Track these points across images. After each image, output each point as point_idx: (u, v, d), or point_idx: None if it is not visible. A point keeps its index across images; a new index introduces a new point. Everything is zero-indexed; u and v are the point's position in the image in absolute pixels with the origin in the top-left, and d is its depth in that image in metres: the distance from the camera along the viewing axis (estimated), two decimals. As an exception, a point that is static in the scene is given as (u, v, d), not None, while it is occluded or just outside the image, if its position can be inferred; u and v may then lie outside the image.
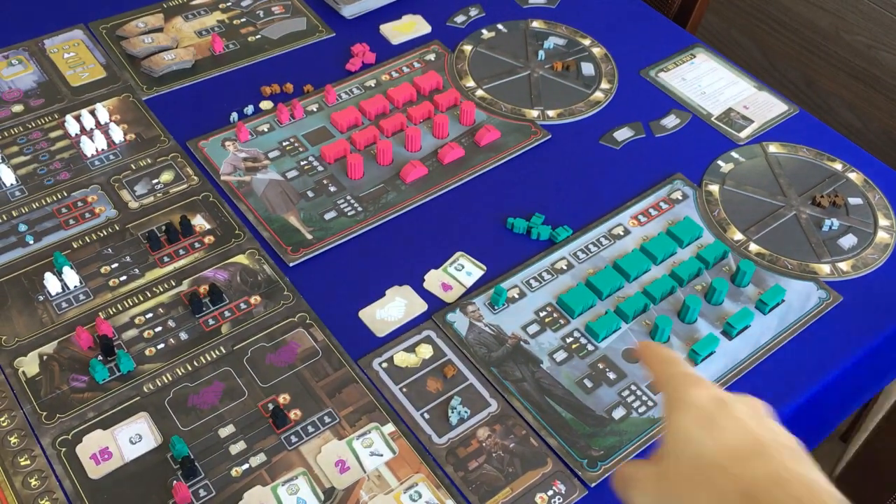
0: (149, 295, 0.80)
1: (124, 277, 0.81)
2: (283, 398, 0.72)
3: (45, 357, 0.74)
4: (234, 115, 0.98)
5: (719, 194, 0.93)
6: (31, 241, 0.83)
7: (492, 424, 0.72)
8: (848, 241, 0.89)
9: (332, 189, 0.90)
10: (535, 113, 1.01)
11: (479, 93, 1.03)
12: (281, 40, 1.09)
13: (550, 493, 0.68)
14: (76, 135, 0.94)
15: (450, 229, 0.88)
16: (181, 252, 0.83)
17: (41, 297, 0.79)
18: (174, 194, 0.89)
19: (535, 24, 1.14)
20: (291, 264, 0.83)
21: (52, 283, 0.79)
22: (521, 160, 0.96)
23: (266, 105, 0.99)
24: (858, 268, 0.86)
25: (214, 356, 0.75)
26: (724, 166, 0.96)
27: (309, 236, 0.86)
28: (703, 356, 0.77)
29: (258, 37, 1.09)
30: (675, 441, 0.50)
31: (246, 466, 0.68)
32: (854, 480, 1.08)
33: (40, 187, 0.89)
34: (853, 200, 0.93)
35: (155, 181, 0.90)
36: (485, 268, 0.84)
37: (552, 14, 1.16)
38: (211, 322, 0.78)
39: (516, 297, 0.81)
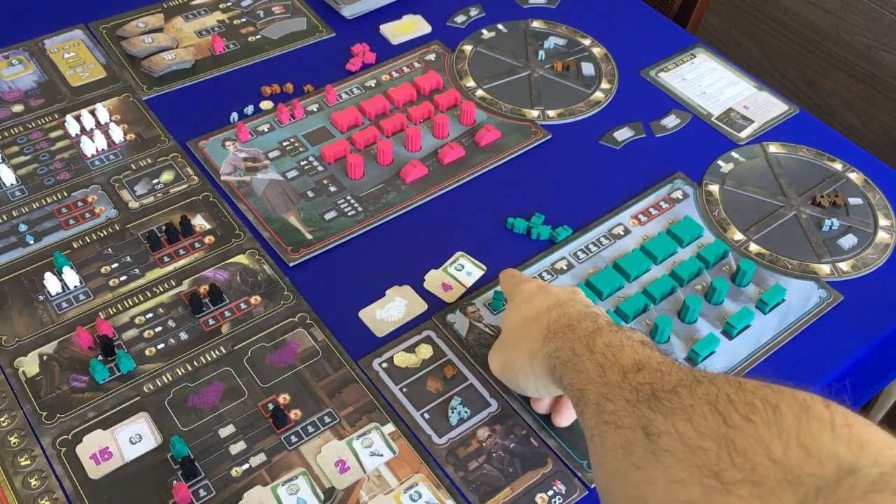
0: (149, 295, 0.80)
1: (124, 277, 0.81)
2: (283, 398, 0.72)
3: (45, 357, 0.74)
4: (234, 115, 0.98)
5: (719, 194, 0.93)
6: (31, 241, 0.83)
7: (492, 424, 0.72)
8: (848, 241, 0.89)
9: (333, 189, 0.90)
10: (535, 113, 1.01)
11: (480, 93, 1.03)
12: (281, 40, 1.09)
13: (550, 493, 0.68)
14: (76, 135, 0.94)
15: (450, 229, 0.88)
16: (181, 252, 0.83)
17: (41, 297, 0.79)
18: (174, 194, 0.89)
19: (535, 24, 1.14)
20: (291, 264, 0.83)
21: (52, 283, 0.79)
22: (521, 160, 0.96)
23: (266, 105, 0.99)
24: (858, 268, 0.86)
25: (214, 356, 0.75)
26: (725, 166, 0.96)
27: (309, 236, 0.86)
28: (704, 356, 0.77)
29: (258, 37, 1.09)
30: (508, 316, 0.70)
31: (246, 466, 0.68)
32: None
33: (40, 187, 0.89)
34: (853, 200, 0.93)
35: (155, 181, 0.90)
36: (485, 268, 0.84)
37: (552, 14, 1.16)
38: (211, 322, 0.78)
39: (516, 297, 0.81)
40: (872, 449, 0.39)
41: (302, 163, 0.93)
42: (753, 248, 0.87)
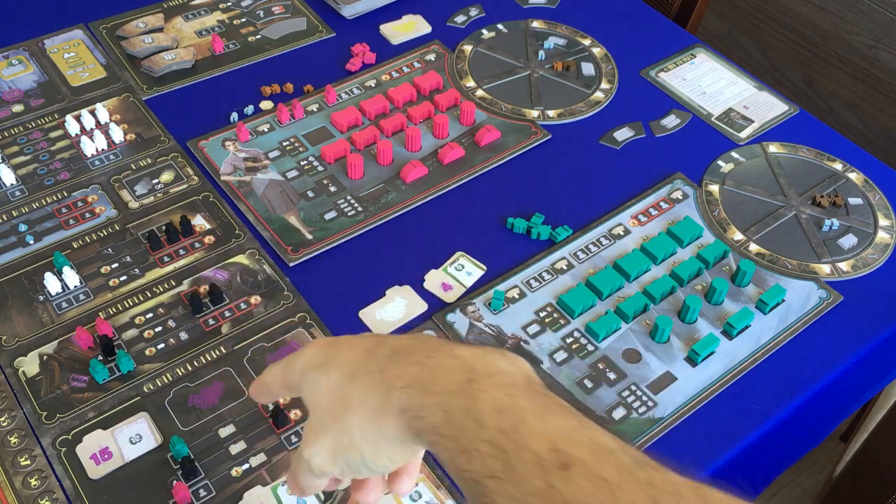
0: (149, 295, 0.80)
1: (124, 277, 0.81)
2: (283, 398, 0.72)
3: (45, 357, 0.74)
4: (235, 115, 0.98)
5: (719, 194, 0.93)
6: (32, 241, 0.83)
7: (492, 424, 0.72)
8: (848, 241, 0.89)
9: (333, 189, 0.90)
10: (535, 113, 1.01)
11: (480, 93, 1.03)
12: (281, 40, 1.09)
13: (550, 493, 0.68)
14: (76, 135, 0.94)
15: (450, 229, 0.88)
16: (181, 252, 0.83)
17: (41, 297, 0.79)
18: (174, 194, 0.89)
19: (536, 24, 1.14)
20: (291, 264, 0.83)
21: (52, 283, 0.79)
22: (521, 160, 0.96)
23: (266, 105, 0.99)
24: (858, 268, 0.86)
25: (214, 356, 0.75)
26: (725, 166, 0.96)
27: (309, 236, 0.86)
28: (703, 356, 0.77)
29: (258, 37, 1.09)
30: (311, 396, 0.51)
31: (246, 466, 0.68)
32: (854, 480, 1.08)
33: (40, 187, 0.89)
34: (853, 200, 0.93)
35: (155, 181, 0.90)
36: (485, 268, 0.84)
37: (552, 14, 1.16)
38: (211, 322, 0.78)
39: (516, 297, 0.81)
40: None
41: (302, 163, 0.93)
42: (753, 248, 0.87)
